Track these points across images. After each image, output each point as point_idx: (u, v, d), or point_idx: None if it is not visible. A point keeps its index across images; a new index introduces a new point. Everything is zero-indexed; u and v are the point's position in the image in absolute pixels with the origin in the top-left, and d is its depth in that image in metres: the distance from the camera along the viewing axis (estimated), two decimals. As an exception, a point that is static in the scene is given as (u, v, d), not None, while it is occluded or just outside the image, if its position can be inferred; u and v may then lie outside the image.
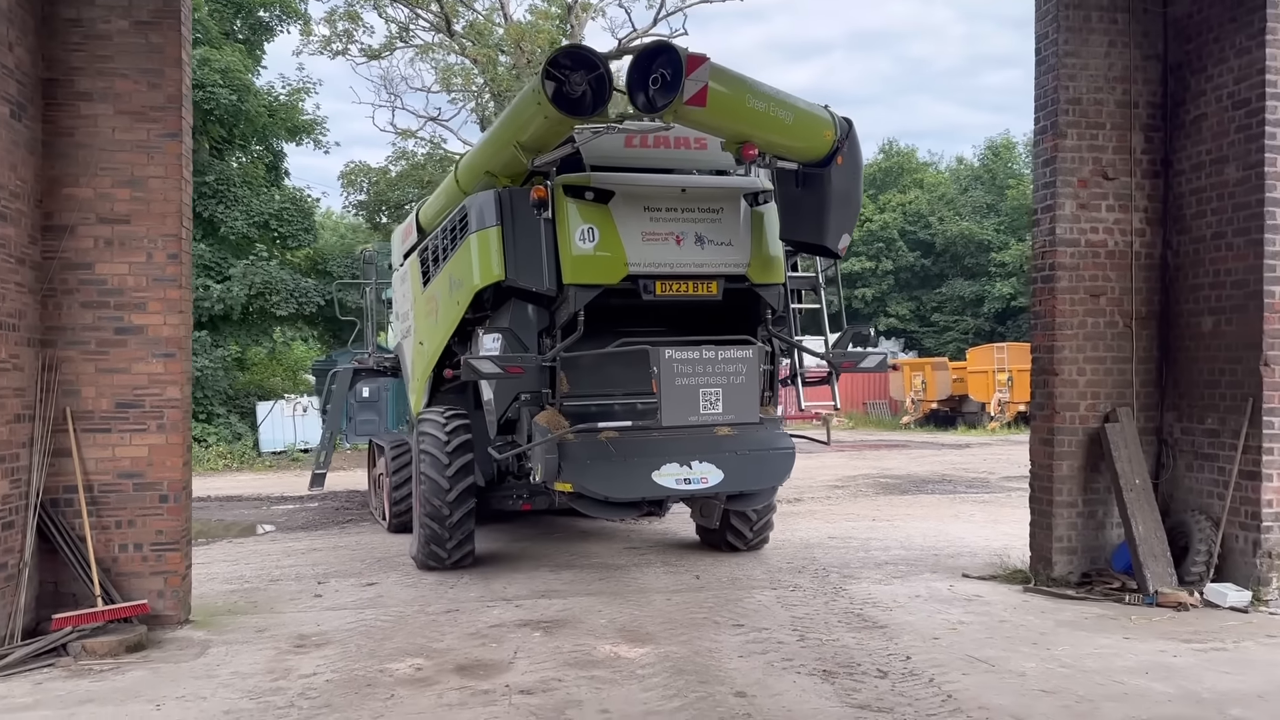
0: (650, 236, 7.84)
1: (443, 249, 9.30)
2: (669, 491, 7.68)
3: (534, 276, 7.85)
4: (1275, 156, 7.38)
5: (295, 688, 5.59)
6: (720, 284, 8.02)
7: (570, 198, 7.77)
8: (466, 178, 9.07)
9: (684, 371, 7.19)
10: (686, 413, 7.23)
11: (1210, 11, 7.85)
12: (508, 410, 8.24)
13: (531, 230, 7.86)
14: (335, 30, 23.94)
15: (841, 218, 7.73)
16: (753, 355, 7.49)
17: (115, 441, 6.96)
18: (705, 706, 5.21)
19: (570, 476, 7.59)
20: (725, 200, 8.14)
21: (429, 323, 9.95)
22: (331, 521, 12.79)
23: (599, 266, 7.74)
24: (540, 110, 7.12)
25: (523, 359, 7.76)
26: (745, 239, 8.12)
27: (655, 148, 8.18)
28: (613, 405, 8.04)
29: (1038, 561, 8.27)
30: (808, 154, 7.50)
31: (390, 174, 23.85)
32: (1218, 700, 5.26)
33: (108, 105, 6.94)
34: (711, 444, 7.82)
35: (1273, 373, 7.40)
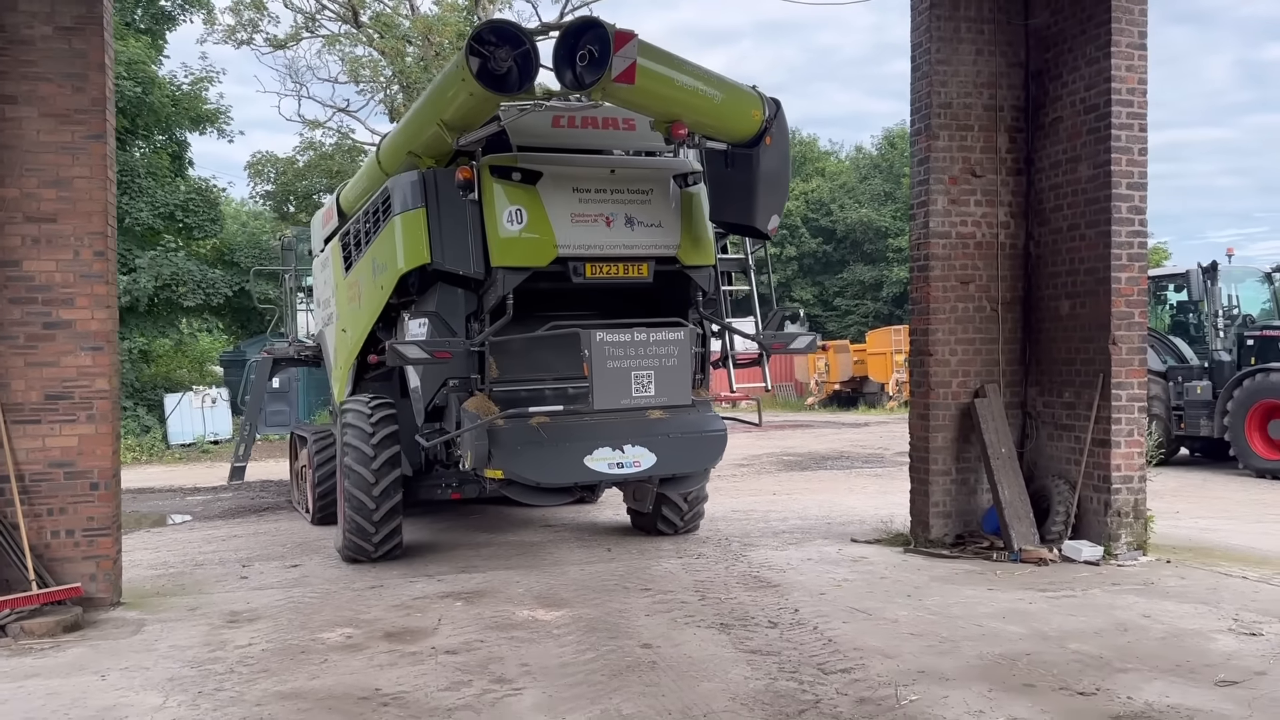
0: (579, 218, 7.70)
1: (365, 233, 9.14)
2: (602, 476, 7.64)
3: (461, 259, 7.68)
4: (1120, 156, 8.24)
5: (233, 657, 6.00)
6: (651, 266, 7.92)
7: (497, 178, 7.60)
8: (389, 159, 8.89)
9: (615, 354, 7.17)
10: (619, 396, 7.23)
11: (1065, 25, 8.68)
12: (435, 397, 8.15)
13: (457, 212, 7.70)
14: (240, 19, 23.81)
15: (770, 198, 7.71)
16: (684, 337, 7.47)
17: (45, 432, 7.21)
18: (615, 657, 5.79)
19: (501, 463, 7.49)
20: (655, 181, 8.04)
21: (352, 309, 9.83)
22: (248, 510, 13.00)
23: (527, 249, 7.59)
24: (465, 87, 6.91)
25: (450, 344, 7.60)
26: (675, 220, 8.02)
27: (583, 128, 8.04)
28: (543, 390, 8.01)
29: (917, 525, 9.06)
30: (736, 134, 7.47)
31: (298, 164, 23.84)
32: (1060, 636, 6.05)
33: (32, 108, 7.17)
34: (644, 427, 7.77)
35: (1119, 350, 8.28)
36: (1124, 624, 6.30)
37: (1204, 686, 5.14)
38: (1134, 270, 8.32)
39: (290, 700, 5.18)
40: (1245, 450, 13.91)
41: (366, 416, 8.53)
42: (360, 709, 5.03)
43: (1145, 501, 8.38)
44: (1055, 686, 5.17)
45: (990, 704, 4.94)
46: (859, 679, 5.34)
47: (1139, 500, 8.33)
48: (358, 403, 8.79)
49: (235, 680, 5.53)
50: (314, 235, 12.32)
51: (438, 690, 5.28)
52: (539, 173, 7.67)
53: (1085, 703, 4.94)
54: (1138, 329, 8.36)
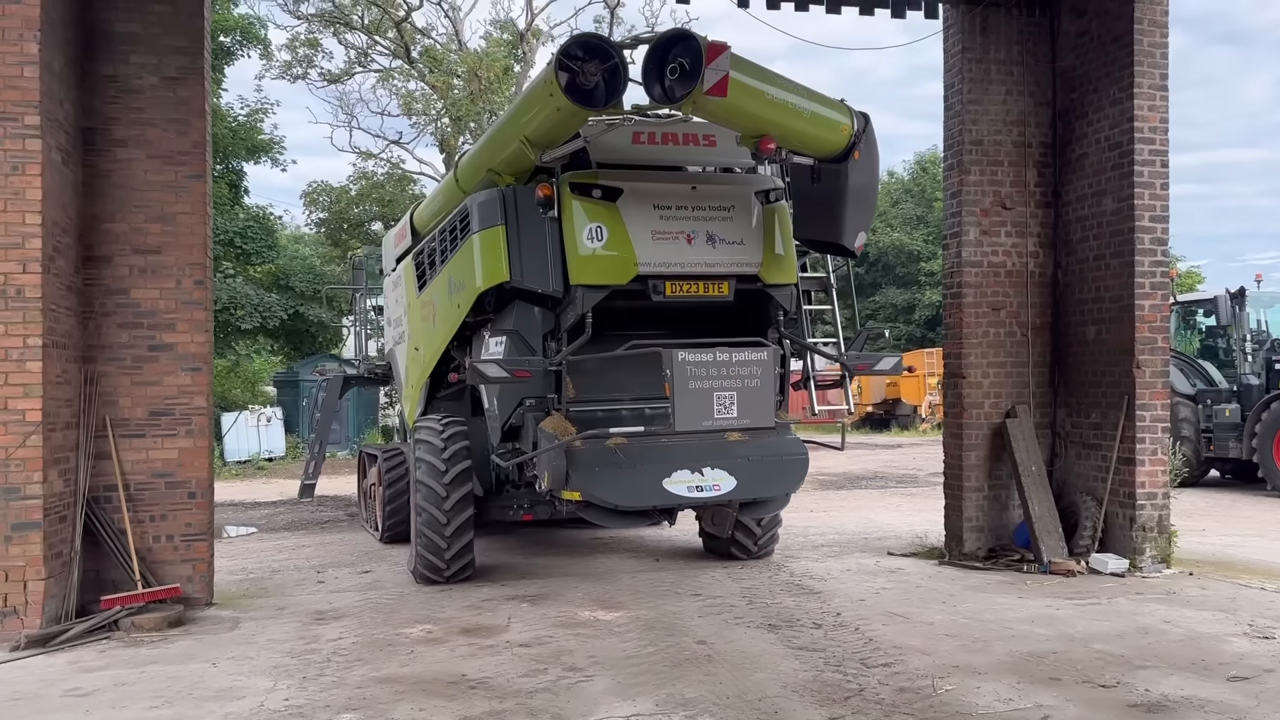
0: (660, 235, 7.59)
1: (441, 251, 9.10)
2: (681, 499, 7.47)
3: (540, 277, 7.60)
4: (1143, 191, 8.75)
5: (327, 649, 6.62)
6: (732, 284, 7.77)
7: (577, 195, 7.53)
8: (467, 176, 8.84)
9: (698, 374, 7.01)
10: (700, 417, 7.05)
11: (1090, 66, 9.23)
12: (511, 416, 8.07)
13: (537, 230, 7.64)
14: (296, 55, 24.84)
15: (858, 215, 7.65)
16: (768, 357, 7.29)
17: (149, 445, 7.90)
18: (673, 651, 6.36)
19: (579, 485, 7.34)
20: (737, 198, 7.91)
21: (425, 327, 9.79)
22: (310, 524, 13.68)
23: (607, 266, 7.48)
24: (552, 102, 6.84)
25: (530, 363, 7.51)
26: (758, 238, 7.85)
27: (663, 144, 7.96)
28: (620, 410, 7.91)
29: (951, 539, 9.55)
30: (825, 148, 7.37)
31: (350, 193, 24.74)
32: (1085, 638, 6.54)
33: (140, 151, 7.91)
34: (723, 450, 7.60)
35: (1143, 373, 8.77)
36: (1145, 628, 6.78)
37: (1216, 681, 5.62)
38: (1156, 298, 8.82)
39: (387, 684, 5.78)
40: (1273, 471, 14.25)
41: (439, 433, 8.60)
42: (451, 691, 5.62)
43: (1169, 517, 8.83)
44: (1079, 680, 5.67)
45: (1019, 693, 5.45)
46: (898, 672, 5.86)
47: (1163, 516, 8.79)
48: (431, 421, 8.88)
49: (334, 668, 6.14)
50: (386, 254, 12.41)
51: (517, 676, 5.87)
52: (620, 189, 7.58)
53: (1106, 694, 5.44)
54: (1160, 353, 8.85)
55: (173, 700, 5.57)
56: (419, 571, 8.61)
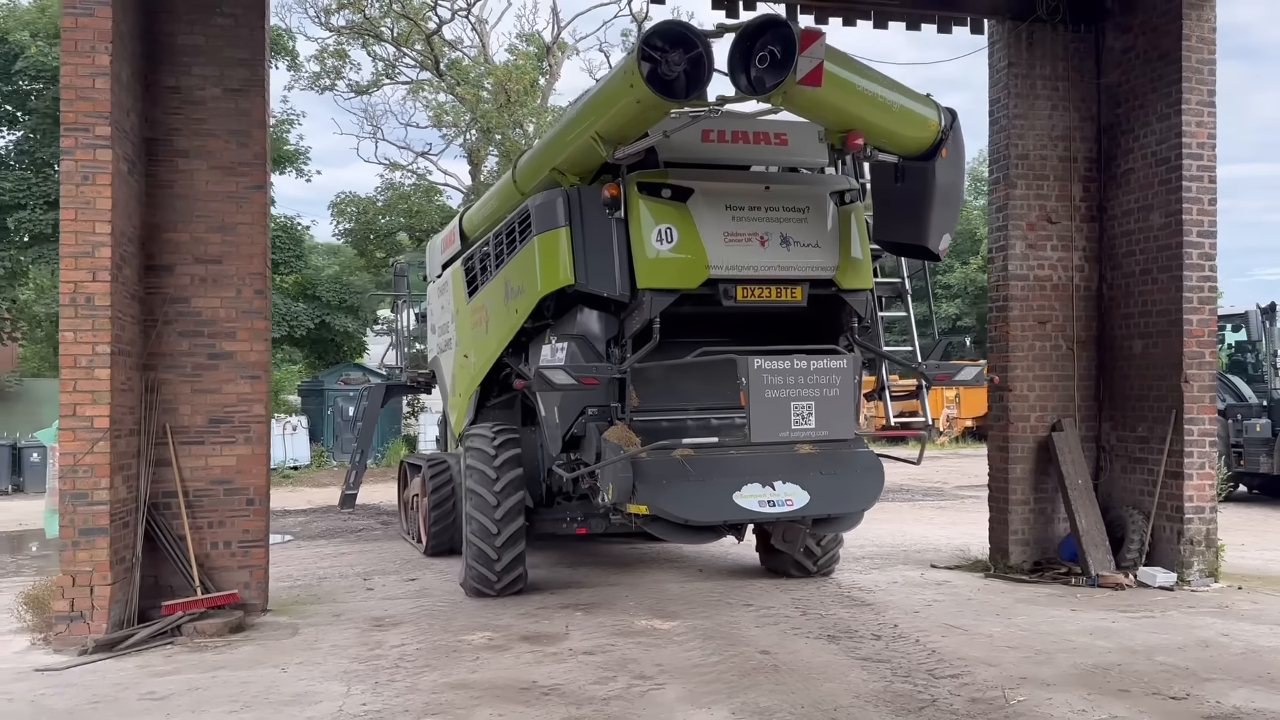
0: (733, 237, 7.23)
1: (496, 255, 8.81)
2: (752, 515, 7.17)
3: (605, 281, 7.27)
4: (1191, 206, 8.81)
5: (392, 654, 6.68)
6: (805, 289, 7.40)
7: (645, 196, 7.19)
8: (527, 177, 8.48)
9: (774, 383, 6.72)
10: (777, 428, 6.74)
11: (1136, 82, 9.29)
12: (573, 426, 7.71)
13: (602, 231, 7.31)
14: (324, 66, 25.01)
15: (943, 216, 7.32)
16: (847, 365, 7.02)
17: (208, 453, 7.98)
18: (738, 661, 6.40)
19: (646, 498, 7.03)
20: (812, 199, 7.53)
21: (476, 334, 9.54)
22: (344, 532, 13.74)
23: (677, 269, 7.16)
24: (632, 94, 6.42)
25: (598, 369, 7.21)
26: (833, 240, 7.50)
27: (734, 143, 7.58)
28: (685, 421, 7.65)
29: (996, 552, 9.58)
30: (911, 145, 7.08)
31: (377, 204, 24.92)
32: (1147, 651, 6.57)
33: (202, 161, 8.00)
34: (795, 463, 7.33)
35: (1191, 388, 8.81)
36: (1205, 641, 6.81)
37: (1286, 694, 5.65)
38: (1205, 313, 8.86)
39: (460, 690, 5.83)
40: (1306, 487, 14.24)
41: (490, 440, 8.42)
42: (525, 697, 5.67)
43: (1216, 531, 8.86)
44: (1148, 692, 5.71)
45: (1091, 704, 5.48)
46: (967, 683, 5.90)
47: (1210, 530, 8.81)
48: (482, 429, 8.69)
49: (404, 673, 6.20)
50: (431, 260, 12.12)
51: (588, 684, 5.92)
52: (690, 189, 7.24)
53: (1177, 705, 5.47)
54: (1208, 368, 8.90)
55: (250, 704, 5.63)
56: (469, 584, 8.43)
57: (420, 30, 24.04)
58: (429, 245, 12.51)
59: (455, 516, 10.32)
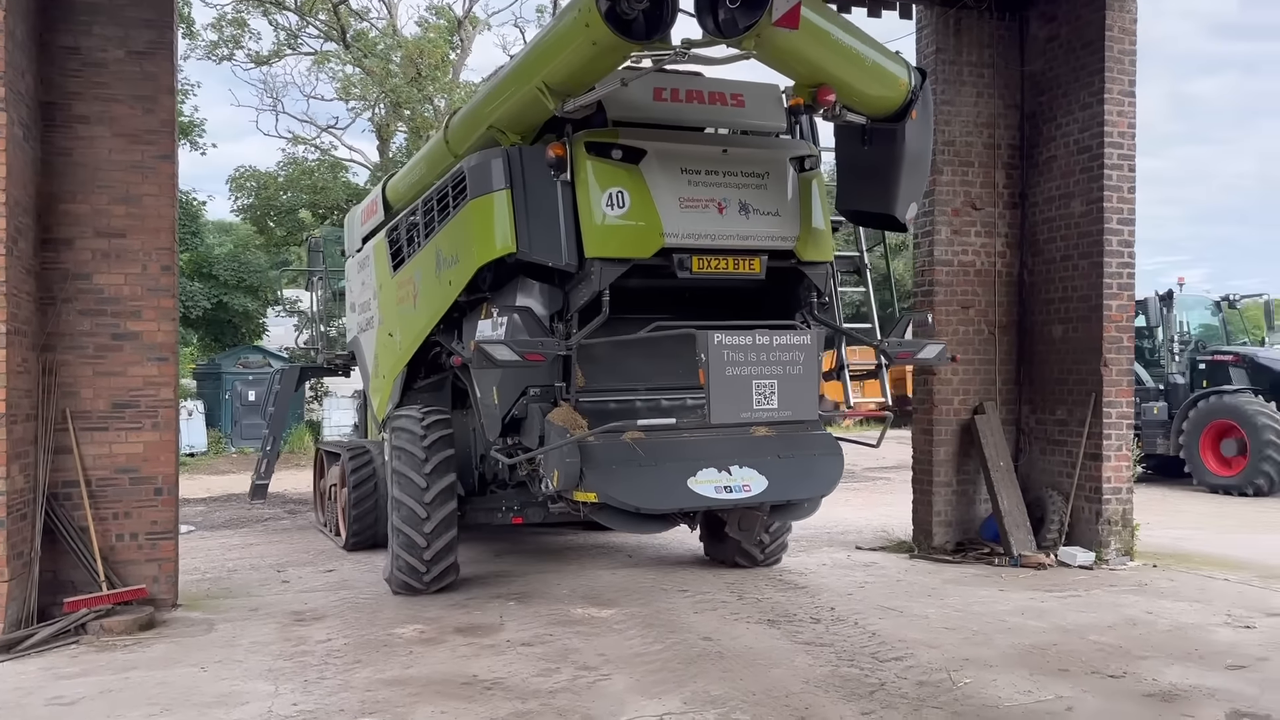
0: (689, 203, 6.68)
1: (425, 223, 8.12)
2: (708, 501, 6.67)
3: (550, 249, 6.66)
4: (1112, 194, 8.99)
5: (319, 650, 6.36)
6: (764, 260, 6.93)
7: (594, 157, 6.59)
8: (461, 136, 7.78)
9: (735, 360, 6.23)
10: (738, 409, 6.28)
11: (1059, 71, 9.43)
12: (513, 407, 7.14)
13: (546, 195, 6.70)
14: (222, 35, 23.92)
15: (912, 183, 6.91)
16: (811, 342, 6.56)
17: (112, 439, 7.49)
18: (682, 648, 6.28)
19: (595, 485, 6.52)
20: (771, 164, 7.02)
21: (402, 310, 8.87)
22: (249, 520, 13.20)
23: (629, 237, 6.60)
24: (588, 34, 5.78)
25: (544, 344, 6.55)
26: (794, 209, 7.01)
27: (688, 103, 7.04)
28: (634, 402, 7.15)
29: (919, 533, 9.68)
30: (881, 105, 6.60)
31: (279, 179, 23.98)
32: (1079, 630, 6.68)
33: (105, 128, 7.48)
34: (751, 446, 6.91)
35: (1110, 372, 9.00)
36: (1132, 619, 6.96)
37: (1217, 670, 5.78)
38: (1123, 299, 9.07)
39: (397, 686, 5.57)
40: (1199, 467, 14.85)
41: (418, 421, 7.87)
42: (468, 692, 5.45)
43: (1132, 511, 9.10)
44: (1087, 671, 5.78)
45: (1035, 685, 5.52)
46: (912, 665, 5.89)
47: (1127, 510, 9.05)
48: (409, 411, 8.09)
49: (334, 670, 5.90)
50: (350, 233, 11.36)
51: (531, 676, 5.72)
52: (643, 150, 6.67)
53: (1117, 684, 5.56)
54: (1126, 353, 9.11)
55: (170, 708, 5.28)
56: (395, 578, 7.85)
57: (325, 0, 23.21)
58: (348, 217, 11.74)
59: (378, 508, 9.81)
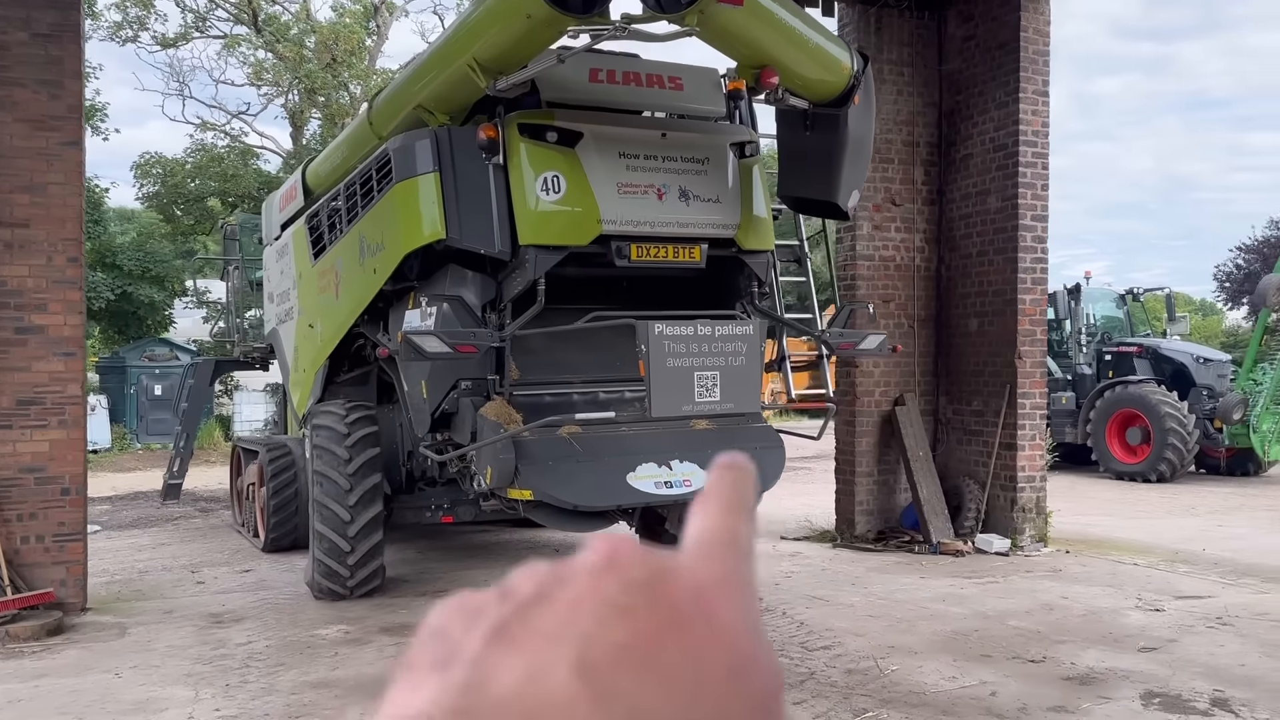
0: (628, 189, 6.43)
1: (348, 209, 7.77)
2: (648, 497, 6.43)
3: (482, 236, 6.38)
4: (1026, 191, 9.23)
5: (240, 654, 6.19)
6: (704, 249, 6.69)
7: (528, 139, 6.32)
8: (386, 117, 7.44)
9: (676, 351, 5.97)
10: (680, 401, 6.02)
11: (976, 70, 9.65)
12: (443, 402, 6.81)
13: (477, 179, 6.42)
14: (126, 16, 22.99)
15: (854, 170, 6.78)
16: (753, 332, 6.35)
17: (16, 438, 7.19)
18: (613, 643, 6.27)
19: (530, 482, 6.25)
20: (712, 149, 6.81)
21: (324, 300, 8.49)
22: (159, 519, 12.81)
23: (566, 224, 6.33)
24: (522, 8, 5.56)
25: (477, 335, 6.26)
26: (734, 196, 6.80)
27: (624, 84, 6.79)
28: (571, 395, 6.90)
29: (842, 523, 9.85)
30: (823, 90, 6.45)
31: (186, 166, 23.20)
32: (999, 615, 6.86)
33: (6, 114, 7.16)
34: (691, 440, 6.67)
35: (1024, 364, 9.26)
36: (1048, 604, 7.17)
37: (1130, 653, 6.00)
38: (1037, 293, 9.33)
39: (324, 688, 5.46)
40: (1106, 455, 15.39)
41: (341, 417, 7.53)
42: (398, 694, 5.35)
43: (1045, 499, 9.39)
44: (1008, 656, 5.94)
45: (960, 670, 5.66)
46: (840, 654, 5.99)
47: (1040, 498, 9.33)
48: (331, 407, 7.75)
49: (257, 673, 5.75)
50: (268, 220, 10.86)
51: (462, 676, 5.65)
52: (579, 133, 6.41)
53: (1038, 668, 5.72)
54: (1039, 345, 9.38)
55: (85, 716, 5.09)
56: (317, 582, 7.46)
57: (237, -21, 22.51)
58: (266, 204, 11.27)
59: (298, 508, 9.42)
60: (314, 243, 8.74)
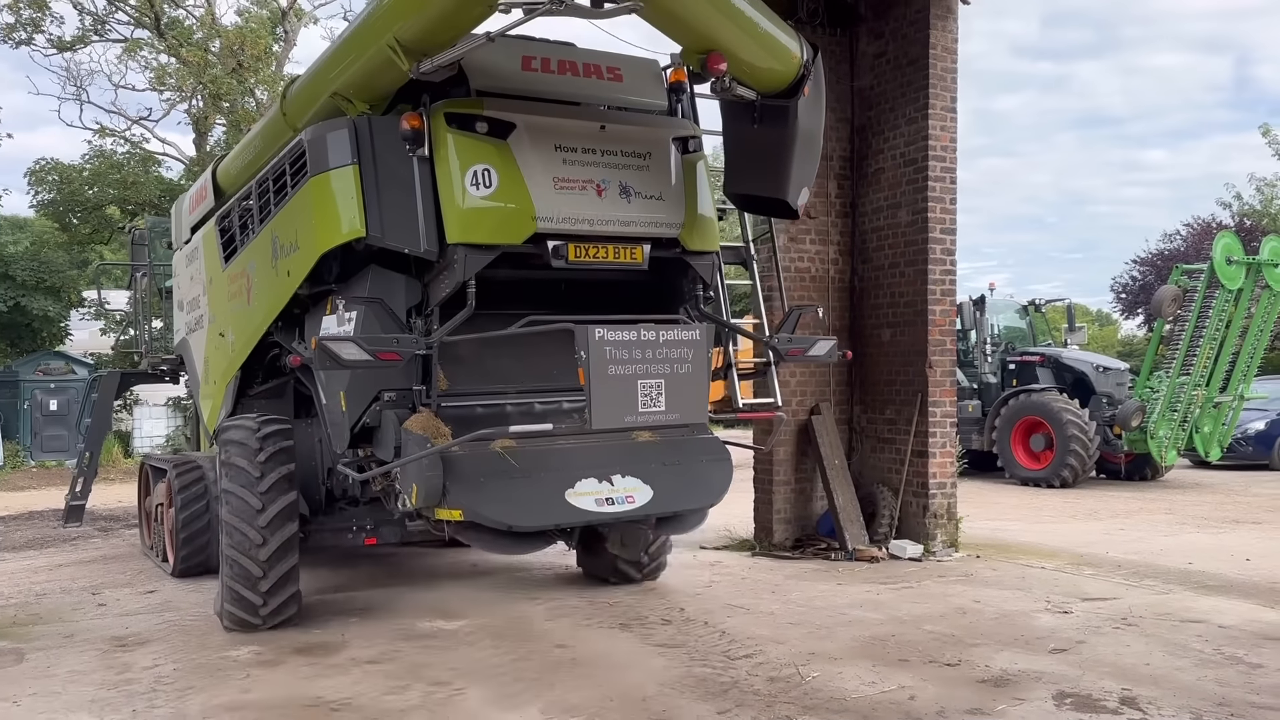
0: (564, 184, 6.04)
1: (260, 207, 7.26)
2: (588, 516, 6.06)
3: (406, 234, 5.96)
4: (935, 205, 9.46)
5: (146, 678, 5.95)
6: (646, 250, 6.32)
7: (456, 130, 5.90)
8: (301, 107, 6.91)
9: (619, 358, 5.62)
10: (622, 412, 5.65)
11: (887, 87, 9.86)
12: (364, 415, 6.34)
13: (401, 173, 6.00)
14: (19, 17, 22.06)
15: (804, 166, 6.50)
16: (700, 337, 5.99)
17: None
18: (536, 658, 6.21)
19: (460, 500, 5.84)
20: (654, 143, 6.43)
21: (235, 307, 7.97)
22: (56, 540, 12.27)
23: (497, 221, 5.90)
24: None
25: (400, 342, 5.82)
26: (678, 194, 6.45)
27: (560, 74, 6.36)
28: (504, 406, 6.49)
29: (760, 531, 9.94)
30: (771, 79, 6.14)
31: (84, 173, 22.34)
32: (914, 620, 6.99)
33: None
34: (632, 453, 6.35)
35: (934, 373, 9.48)
36: (961, 608, 7.34)
37: (1041, 654, 6.16)
38: (945, 304, 9.57)
39: (235, 712, 5.28)
40: (1011, 461, 15.87)
41: (253, 432, 6.93)
42: (314, 715, 5.22)
43: (956, 505, 9.61)
44: (925, 660, 6.05)
45: (879, 676, 5.74)
46: (762, 662, 6.02)
47: (951, 504, 9.55)
48: (242, 421, 7.13)
49: (164, 698, 5.54)
50: (177, 224, 10.12)
51: (381, 695, 5.53)
52: (512, 124, 5.99)
53: (954, 672, 5.84)
54: (948, 354, 9.61)
55: (-21, 749, 4.84)
56: (227, 612, 6.88)
57: (139, -19, 21.78)
58: (175, 206, 10.50)
59: (210, 530, 8.83)
60: (225, 245, 8.18)
